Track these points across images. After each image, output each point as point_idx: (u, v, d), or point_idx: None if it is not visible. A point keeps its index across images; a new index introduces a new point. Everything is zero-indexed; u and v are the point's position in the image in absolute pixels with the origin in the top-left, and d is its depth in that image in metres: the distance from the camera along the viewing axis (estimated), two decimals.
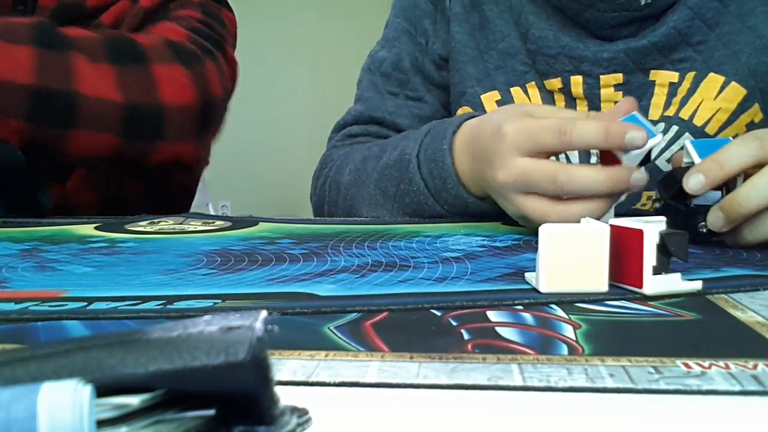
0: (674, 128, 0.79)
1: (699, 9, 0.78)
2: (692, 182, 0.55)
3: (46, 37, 0.72)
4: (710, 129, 0.78)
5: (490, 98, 0.85)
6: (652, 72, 0.79)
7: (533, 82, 0.84)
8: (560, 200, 0.59)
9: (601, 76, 0.80)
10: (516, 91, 0.84)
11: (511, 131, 0.60)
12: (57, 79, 0.71)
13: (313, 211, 0.91)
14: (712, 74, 0.78)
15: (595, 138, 0.57)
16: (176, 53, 0.79)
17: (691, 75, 0.79)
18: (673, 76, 0.79)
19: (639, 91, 0.80)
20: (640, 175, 0.57)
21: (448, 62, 0.89)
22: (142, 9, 0.79)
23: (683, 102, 0.79)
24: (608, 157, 0.59)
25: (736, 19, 0.78)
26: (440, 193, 0.72)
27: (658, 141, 0.58)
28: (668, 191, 0.59)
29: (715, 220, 0.56)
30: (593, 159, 0.63)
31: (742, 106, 0.78)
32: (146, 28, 0.82)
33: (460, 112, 0.88)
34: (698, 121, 0.78)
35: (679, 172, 0.57)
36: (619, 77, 0.79)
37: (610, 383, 0.28)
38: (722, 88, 0.78)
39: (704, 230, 0.56)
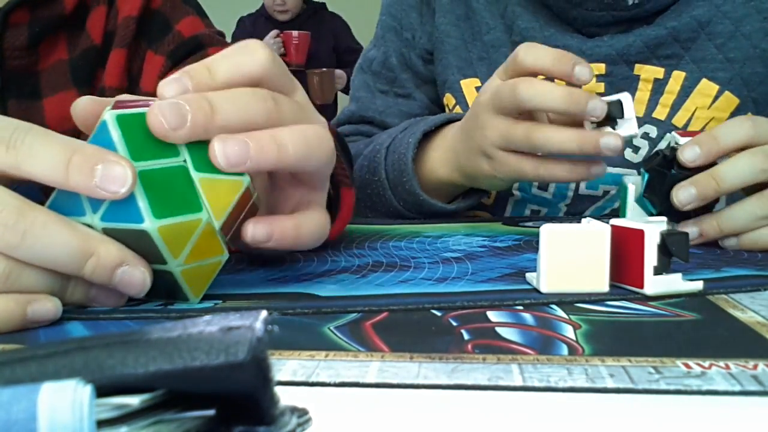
0: (668, 136, 0.78)
1: (693, 11, 0.77)
2: (688, 153, 0.55)
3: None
4: None
5: (469, 84, 0.85)
6: (637, 66, 0.78)
7: None
8: (536, 156, 0.62)
9: None
10: None
11: (485, 96, 0.64)
12: None
13: None
14: (705, 81, 0.77)
15: (557, 104, 0.59)
16: None
17: (679, 75, 0.77)
18: (659, 71, 0.78)
19: (622, 84, 0.78)
20: (611, 139, 0.58)
21: (433, 55, 0.89)
22: (133, 19, 0.75)
23: (675, 107, 0.78)
24: None
25: (728, 21, 0.77)
26: (397, 186, 0.74)
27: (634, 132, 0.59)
28: (652, 162, 0.59)
29: (685, 195, 0.55)
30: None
31: (734, 116, 0.78)
32: (147, 48, 0.77)
33: (444, 101, 0.88)
34: (692, 130, 0.78)
35: (662, 151, 0.58)
36: (601, 68, 0.78)
37: (610, 383, 0.28)
38: (716, 97, 0.77)
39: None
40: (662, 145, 0.79)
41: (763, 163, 0.54)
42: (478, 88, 0.85)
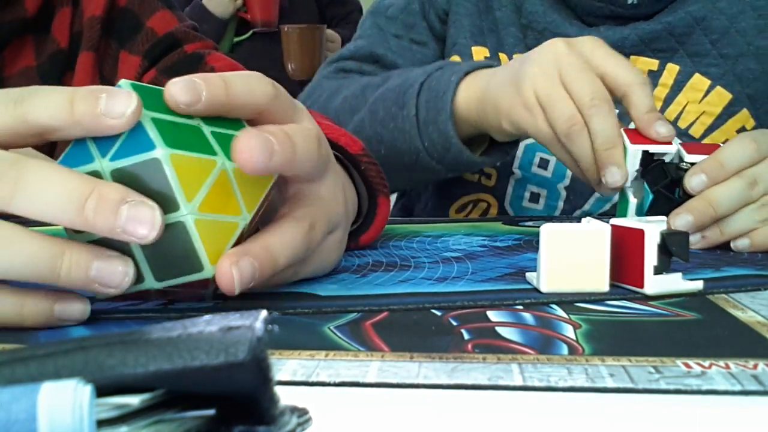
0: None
1: (689, 6, 0.77)
2: (695, 182, 0.56)
3: None
4: (695, 132, 0.78)
5: (479, 52, 0.85)
6: (632, 58, 0.78)
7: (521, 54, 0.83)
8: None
9: None
10: (503, 57, 0.84)
11: (571, 59, 0.61)
12: None
13: None
14: (698, 75, 0.78)
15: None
16: None
17: (672, 68, 0.78)
18: (653, 63, 0.78)
19: None
20: (611, 177, 0.58)
21: (448, 16, 0.87)
22: (97, 19, 0.71)
23: (667, 101, 0.78)
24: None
25: (723, 17, 0.77)
26: (427, 125, 0.71)
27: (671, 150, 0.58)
28: (657, 182, 0.59)
29: (681, 223, 0.55)
30: None
31: (729, 111, 0.78)
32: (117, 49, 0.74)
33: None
34: (682, 124, 0.78)
35: (669, 167, 0.58)
36: None
37: (610, 383, 0.28)
38: (707, 92, 0.77)
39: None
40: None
41: (748, 189, 0.55)
42: (487, 58, 0.84)
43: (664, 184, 0.58)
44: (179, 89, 0.36)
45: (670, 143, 0.58)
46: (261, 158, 0.35)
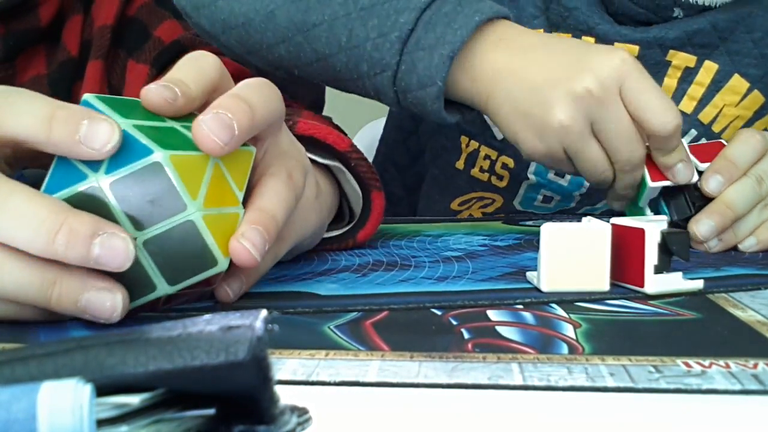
0: (693, 132, 0.76)
1: (737, 6, 0.73)
2: (712, 184, 0.56)
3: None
4: (725, 136, 0.76)
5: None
6: (671, 51, 0.74)
7: (541, 30, 0.75)
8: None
9: (616, 44, 0.73)
10: None
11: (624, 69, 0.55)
12: None
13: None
14: (737, 76, 0.75)
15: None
16: None
17: (711, 66, 0.75)
18: (691, 60, 0.75)
19: (652, 69, 0.72)
20: (616, 206, 0.61)
21: None
22: (108, 29, 0.71)
23: (703, 101, 0.76)
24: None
25: (767, 13, 0.74)
26: (408, 84, 0.57)
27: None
28: (679, 213, 0.58)
29: (706, 229, 0.55)
30: None
31: (759, 114, 0.76)
32: (123, 58, 0.74)
33: None
34: (717, 127, 0.76)
35: (691, 196, 0.58)
36: (635, 50, 0.74)
37: (610, 382, 0.28)
38: (745, 95, 0.75)
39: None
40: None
41: (758, 187, 0.56)
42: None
43: (685, 217, 0.57)
44: (158, 89, 0.36)
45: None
46: (225, 136, 0.35)
